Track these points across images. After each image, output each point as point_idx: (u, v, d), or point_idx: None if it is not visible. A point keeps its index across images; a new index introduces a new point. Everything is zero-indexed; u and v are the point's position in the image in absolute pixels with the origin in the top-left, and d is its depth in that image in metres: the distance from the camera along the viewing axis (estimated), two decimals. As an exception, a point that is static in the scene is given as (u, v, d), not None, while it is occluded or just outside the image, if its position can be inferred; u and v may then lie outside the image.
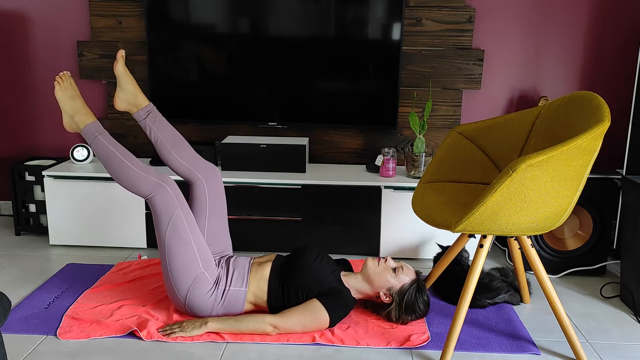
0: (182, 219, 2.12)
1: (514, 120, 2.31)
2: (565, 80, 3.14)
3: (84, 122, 2.17)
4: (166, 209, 2.11)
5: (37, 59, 3.25)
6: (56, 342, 2.05)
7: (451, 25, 3.05)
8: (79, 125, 2.18)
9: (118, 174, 2.12)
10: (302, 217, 2.88)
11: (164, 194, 2.11)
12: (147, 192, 2.11)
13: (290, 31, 2.99)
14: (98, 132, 2.16)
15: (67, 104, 2.19)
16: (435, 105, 3.16)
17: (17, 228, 3.13)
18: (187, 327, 2.08)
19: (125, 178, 2.11)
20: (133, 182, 2.11)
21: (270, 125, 3.12)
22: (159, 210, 2.12)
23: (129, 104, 2.29)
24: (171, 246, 2.11)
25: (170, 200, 2.12)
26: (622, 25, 3.06)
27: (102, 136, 2.15)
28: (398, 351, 2.04)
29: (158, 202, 2.11)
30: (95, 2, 3.11)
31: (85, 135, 2.17)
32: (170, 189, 2.13)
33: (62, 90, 2.19)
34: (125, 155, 2.13)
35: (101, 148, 2.14)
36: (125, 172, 2.11)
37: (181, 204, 2.14)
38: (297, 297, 2.13)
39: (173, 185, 2.15)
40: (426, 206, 2.10)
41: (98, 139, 2.15)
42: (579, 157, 1.78)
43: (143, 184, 2.11)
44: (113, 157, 2.12)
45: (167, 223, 2.11)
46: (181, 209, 2.13)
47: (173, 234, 2.11)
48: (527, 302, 2.43)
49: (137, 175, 2.11)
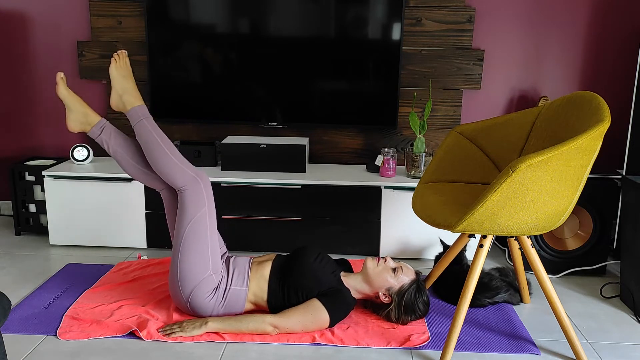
0: (207, 218, 2.14)
1: (514, 120, 2.31)
2: (565, 80, 3.14)
3: (131, 103, 2.18)
4: (194, 205, 2.12)
5: (37, 59, 3.25)
6: (56, 342, 2.05)
7: (451, 25, 3.05)
8: (125, 105, 2.18)
9: (156, 160, 2.13)
10: (302, 217, 2.88)
11: (197, 190, 2.12)
12: (180, 184, 2.13)
13: (290, 31, 2.99)
14: (144, 116, 2.17)
15: (119, 83, 2.18)
16: (435, 105, 3.16)
17: (17, 228, 3.13)
18: (187, 327, 2.08)
19: (163, 165, 2.12)
20: (170, 171, 2.12)
21: (271, 125, 3.12)
22: (187, 204, 2.12)
23: (81, 124, 2.24)
24: (188, 243, 2.11)
25: (201, 197, 2.13)
26: (622, 25, 3.06)
27: (147, 120, 2.16)
28: (398, 351, 2.04)
29: (188, 196, 2.12)
30: (95, 2, 3.11)
31: (131, 116, 2.18)
32: (204, 186, 2.14)
33: (117, 68, 2.19)
34: (167, 143, 2.15)
35: (145, 132, 2.15)
36: (164, 159, 2.12)
37: (209, 203, 2.15)
38: (297, 297, 2.13)
39: (207, 183, 2.16)
40: (426, 206, 2.10)
41: (143, 122, 2.16)
42: (579, 157, 1.78)
43: (179, 175, 2.12)
44: (155, 143, 2.13)
45: (191, 219, 2.12)
46: (208, 209, 2.14)
47: (193, 232, 2.11)
48: (527, 302, 2.43)
49: (175, 165, 2.12)
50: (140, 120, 2.16)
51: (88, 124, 2.25)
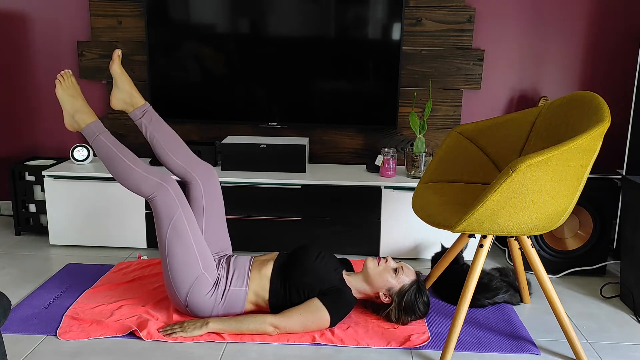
0: (183, 219, 2.12)
1: (514, 120, 2.31)
2: (565, 80, 3.14)
3: (84, 121, 2.17)
4: (167, 210, 2.11)
5: (37, 59, 3.25)
6: (56, 342, 2.05)
7: (451, 25, 3.05)
8: (79, 124, 2.18)
9: (119, 174, 2.12)
10: (302, 217, 2.88)
11: (165, 194, 2.11)
12: (148, 192, 2.11)
13: (290, 31, 2.99)
14: (99, 132, 2.15)
15: (68, 103, 2.18)
16: (435, 105, 3.16)
17: (17, 228, 3.13)
18: (187, 327, 2.08)
19: (127, 178, 2.11)
20: (134, 182, 2.11)
21: (270, 125, 3.12)
22: (160, 211, 2.11)
23: (125, 103, 2.28)
24: (172, 247, 2.11)
25: (172, 201, 2.11)
26: (622, 25, 3.06)
27: (103, 135, 2.15)
28: (398, 351, 2.04)
29: (159, 203, 2.11)
30: (95, 2, 3.11)
31: (86, 134, 2.17)
32: (171, 189, 2.12)
33: (63, 88, 2.19)
34: (127, 154, 2.13)
35: (102, 147, 2.13)
36: (127, 171, 2.11)
37: (182, 204, 2.14)
38: (299, 295, 2.13)
39: (174, 186, 2.14)
40: (426, 206, 2.10)
41: (99, 138, 2.14)
42: (579, 157, 1.78)
43: (144, 184, 2.11)
44: (114, 157, 2.12)
45: (168, 224, 2.11)
46: (182, 209, 2.13)
47: (174, 235, 2.11)
48: (527, 302, 2.43)
49: (139, 175, 2.11)
50: (97, 136, 2.14)
51: (131, 105, 2.28)
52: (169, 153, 2.29)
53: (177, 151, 2.30)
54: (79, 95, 2.20)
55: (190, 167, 2.30)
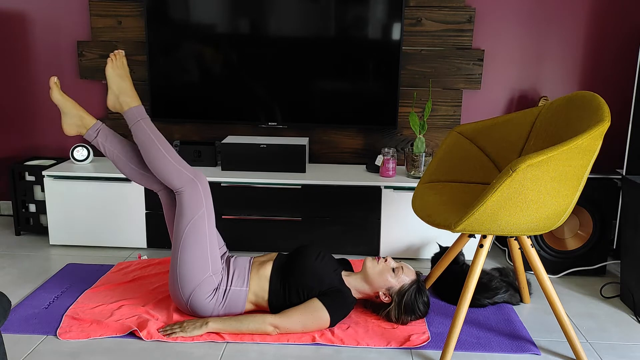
0: (205, 219, 2.13)
1: (514, 120, 2.31)
2: (565, 80, 3.14)
3: (128, 104, 2.16)
4: (192, 206, 2.11)
5: (37, 59, 3.25)
6: (56, 342, 2.05)
7: (451, 25, 3.05)
8: (122, 106, 2.17)
9: (153, 161, 2.12)
10: (302, 217, 2.88)
11: (195, 191, 2.11)
12: (178, 185, 2.11)
13: (290, 31, 2.99)
14: (141, 117, 2.15)
15: (115, 83, 2.17)
16: (435, 105, 3.16)
17: (17, 228, 3.13)
18: (187, 327, 2.08)
19: (160, 166, 2.11)
20: (167, 172, 2.11)
21: (270, 125, 3.12)
22: (185, 206, 2.11)
23: (77, 127, 2.24)
24: (187, 245, 2.11)
25: (199, 198, 2.12)
26: (622, 25, 3.06)
27: (144, 121, 2.15)
28: (398, 351, 2.04)
29: (186, 197, 2.11)
30: (95, 2, 3.11)
31: (128, 117, 2.16)
32: (202, 187, 2.13)
33: (114, 68, 2.17)
34: (164, 144, 2.13)
35: (142, 133, 2.13)
36: (162, 161, 2.11)
37: (208, 204, 2.14)
38: (299, 296, 2.13)
39: (205, 184, 2.15)
40: (426, 206, 2.10)
41: (140, 123, 2.14)
42: (579, 157, 1.78)
43: (176, 176, 2.11)
44: (152, 144, 2.12)
45: (190, 220, 2.11)
46: (207, 209, 2.13)
47: (192, 233, 2.11)
48: (527, 302, 2.43)
49: (172, 167, 2.11)
50: (138, 121, 2.15)
51: (84, 127, 2.24)
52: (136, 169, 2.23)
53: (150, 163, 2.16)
54: (127, 77, 2.19)
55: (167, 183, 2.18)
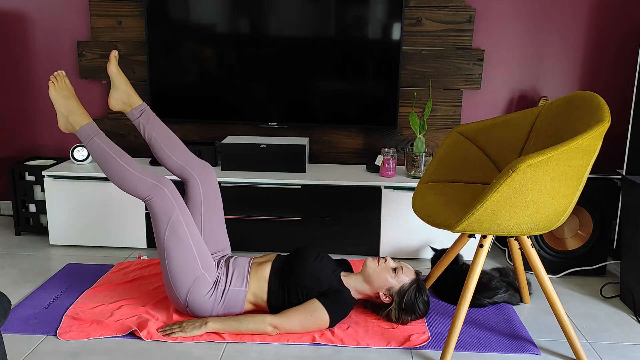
0: (181, 220, 2.12)
1: (514, 120, 2.31)
2: (565, 80, 3.14)
3: (79, 122, 2.15)
4: (164, 211, 2.10)
5: (37, 59, 3.25)
6: (56, 342, 2.05)
7: (451, 25, 3.05)
8: (74, 126, 2.16)
9: (114, 176, 2.11)
10: (302, 217, 2.88)
11: (162, 196, 2.10)
12: (144, 194, 2.10)
13: (290, 31, 2.99)
14: (94, 134, 2.14)
15: (61, 104, 2.16)
16: (435, 105, 3.16)
17: (17, 228, 3.13)
18: (187, 327, 2.08)
19: (122, 180, 2.10)
20: (130, 184, 2.10)
21: (270, 125, 3.12)
22: (157, 212, 2.11)
23: (123, 104, 2.28)
24: (170, 248, 2.10)
25: (168, 202, 2.11)
26: (622, 25, 3.06)
27: (98, 137, 2.13)
28: (398, 351, 2.04)
29: (156, 204, 2.10)
30: (95, 2, 3.11)
31: (81, 136, 2.15)
32: (168, 190, 2.11)
33: (57, 90, 2.16)
34: (122, 156, 2.12)
35: (97, 149, 2.12)
36: (122, 174, 2.10)
37: (179, 205, 2.13)
38: (297, 297, 2.13)
39: (171, 187, 2.13)
40: (426, 206, 2.10)
41: (94, 140, 2.13)
42: (579, 157, 1.78)
43: (140, 186, 2.10)
44: (109, 159, 2.11)
45: (166, 225, 2.10)
46: (179, 210, 2.12)
47: (172, 236, 2.10)
48: (527, 302, 2.43)
49: (134, 177, 2.09)
50: (92, 138, 2.13)
51: (129, 105, 2.28)
52: (167, 152, 2.29)
53: (175, 150, 2.30)
54: (72, 97, 2.18)
55: (188, 166, 2.31)
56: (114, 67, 2.26)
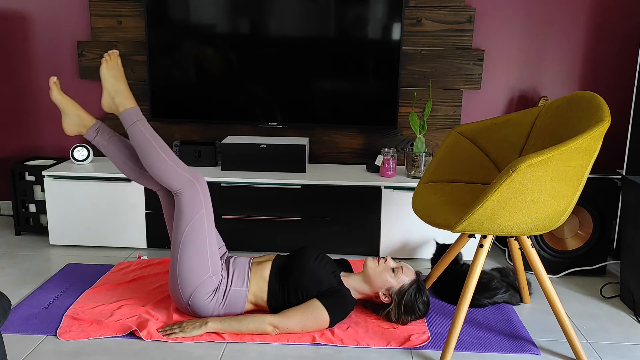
0: (204, 221, 2.12)
1: (514, 120, 2.31)
2: (565, 80, 3.14)
3: (124, 105, 2.13)
4: (191, 207, 2.10)
5: (37, 59, 3.25)
6: (56, 342, 2.05)
7: (451, 25, 3.05)
8: (118, 107, 2.14)
9: (152, 163, 2.10)
10: (302, 217, 2.88)
11: (193, 192, 2.10)
12: (176, 187, 2.10)
13: (290, 31, 2.99)
14: (137, 118, 2.13)
15: (110, 84, 2.14)
16: (435, 105, 3.16)
17: (17, 228, 3.13)
18: (187, 328, 2.08)
19: (158, 168, 2.09)
20: (165, 174, 2.09)
21: (270, 125, 3.12)
22: (184, 207, 2.10)
23: (77, 127, 2.23)
24: (186, 246, 2.10)
25: (198, 200, 2.11)
26: (622, 25, 3.06)
27: (141, 123, 2.12)
28: (398, 351, 2.04)
29: (185, 199, 2.10)
30: (95, 2, 3.11)
31: (123, 119, 2.14)
32: (200, 188, 2.12)
33: (108, 68, 2.14)
34: (162, 146, 2.11)
35: (139, 135, 2.11)
36: (159, 162, 2.09)
37: (207, 205, 2.13)
38: (297, 297, 2.13)
39: (203, 185, 2.14)
40: (426, 206, 2.10)
41: (136, 125, 2.12)
42: (579, 157, 1.78)
43: (175, 178, 2.09)
44: (149, 146, 2.10)
45: (189, 221, 2.10)
46: (206, 210, 2.12)
47: (191, 234, 2.10)
48: (527, 302, 2.43)
49: (171, 169, 2.09)
50: (134, 122, 2.12)
51: (84, 126, 2.23)
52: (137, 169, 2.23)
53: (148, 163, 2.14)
54: (122, 78, 2.16)
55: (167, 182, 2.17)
56: (57, 94, 2.20)
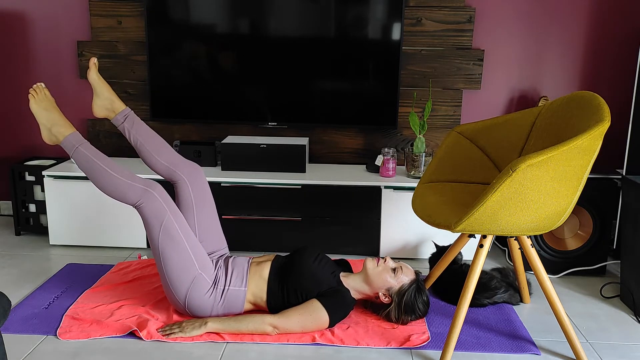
0: (173, 222, 2.11)
1: (514, 120, 2.31)
2: (565, 80, 3.14)
3: (62, 133, 2.14)
4: (156, 215, 2.10)
5: (37, 59, 3.25)
6: (56, 342, 2.05)
7: (451, 25, 3.05)
8: (57, 137, 2.14)
9: (103, 184, 2.10)
10: (302, 217, 2.88)
11: (152, 200, 2.10)
12: (134, 200, 2.10)
13: (290, 31, 2.99)
14: (78, 143, 2.13)
15: (43, 116, 2.15)
16: (435, 105, 3.16)
17: (17, 228, 3.13)
18: (186, 328, 2.08)
19: (111, 187, 2.10)
20: (119, 191, 2.09)
21: (270, 125, 3.12)
22: (149, 217, 2.10)
23: (106, 110, 2.28)
24: (165, 251, 2.10)
25: (159, 206, 2.10)
26: (622, 25, 3.06)
27: (83, 147, 2.12)
28: (398, 351, 2.04)
29: (147, 209, 2.10)
30: (95, 2, 3.11)
31: (65, 147, 2.14)
32: (157, 193, 2.11)
33: (37, 102, 2.15)
34: (109, 164, 2.11)
35: (83, 159, 2.11)
36: (110, 181, 2.09)
37: (170, 207, 2.13)
38: (297, 297, 2.13)
39: (160, 190, 2.13)
40: (426, 206, 2.10)
41: (79, 150, 2.12)
42: (579, 157, 1.78)
43: (130, 192, 2.09)
44: (96, 168, 2.10)
45: (159, 229, 2.10)
46: (171, 212, 2.12)
47: (166, 239, 2.10)
48: (527, 302, 2.43)
49: (123, 184, 2.09)
50: (76, 148, 2.12)
51: (113, 110, 2.28)
52: (153, 155, 2.30)
53: (161, 153, 2.30)
54: (53, 108, 2.17)
55: (176, 167, 2.31)
56: (94, 74, 2.25)
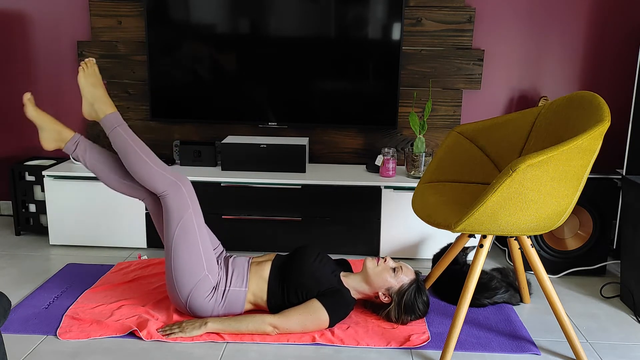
0: (193, 220, 2.12)
1: (514, 120, 2.31)
2: (565, 80, 3.14)
3: (104, 111, 2.15)
4: (178, 208, 2.11)
5: (37, 59, 3.25)
6: (56, 342, 2.05)
7: (451, 25, 3.05)
8: (98, 114, 2.16)
9: (135, 168, 2.11)
10: (302, 217, 2.88)
11: (179, 193, 2.11)
12: (161, 189, 2.11)
13: (290, 31, 2.99)
14: (118, 124, 2.14)
15: (88, 91, 2.16)
16: (435, 105, 3.16)
17: (17, 228, 3.13)
18: (186, 328, 2.08)
19: (141, 172, 2.10)
20: (149, 178, 2.10)
21: (270, 125, 3.12)
22: (171, 209, 2.11)
23: (55, 141, 2.23)
24: (178, 247, 2.11)
25: (184, 200, 2.11)
26: (622, 25, 3.06)
27: (122, 128, 2.14)
28: (398, 351, 2.04)
29: (171, 200, 2.11)
30: (95, 2, 3.11)
31: (104, 125, 2.15)
32: (185, 188, 2.13)
33: (85, 76, 2.16)
34: (144, 150, 2.13)
35: (120, 140, 2.12)
36: (143, 166, 2.10)
37: (194, 205, 2.14)
38: (297, 297, 2.13)
39: (188, 186, 2.14)
40: (426, 206, 2.10)
41: (117, 130, 2.13)
42: (579, 157, 1.78)
43: (159, 181, 2.10)
44: (131, 151, 2.11)
45: (178, 223, 2.11)
46: (193, 210, 2.13)
47: (182, 235, 2.10)
48: (527, 302, 2.43)
49: (154, 172, 2.10)
50: (115, 128, 2.13)
51: (62, 140, 2.23)
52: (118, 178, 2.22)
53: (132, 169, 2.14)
54: (100, 85, 2.18)
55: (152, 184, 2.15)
56: (31, 110, 2.20)
